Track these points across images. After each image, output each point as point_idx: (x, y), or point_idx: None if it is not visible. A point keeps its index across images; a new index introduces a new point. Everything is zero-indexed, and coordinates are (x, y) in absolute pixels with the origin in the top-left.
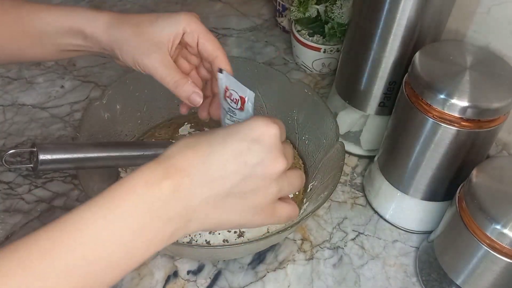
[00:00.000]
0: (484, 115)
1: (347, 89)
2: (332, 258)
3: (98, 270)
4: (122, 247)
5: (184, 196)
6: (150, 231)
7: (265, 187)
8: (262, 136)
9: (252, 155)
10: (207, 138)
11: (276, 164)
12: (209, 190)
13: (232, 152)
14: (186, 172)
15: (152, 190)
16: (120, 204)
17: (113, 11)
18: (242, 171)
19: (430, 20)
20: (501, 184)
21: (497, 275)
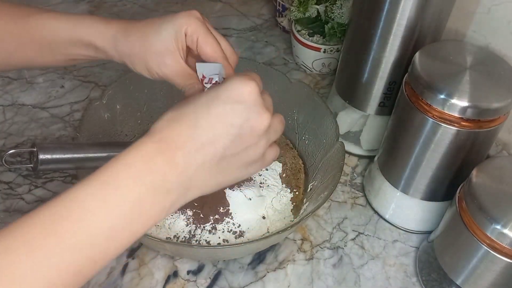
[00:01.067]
0: (484, 115)
1: (347, 89)
2: (332, 258)
3: (100, 243)
4: (123, 220)
5: (179, 168)
6: (150, 204)
7: (254, 143)
8: (242, 95)
9: (236, 115)
10: (191, 107)
11: (261, 120)
12: (202, 156)
13: (217, 116)
14: (177, 144)
15: (147, 165)
16: (118, 179)
17: (122, 19)
18: (230, 133)
19: (430, 20)
20: (501, 184)
21: (497, 275)
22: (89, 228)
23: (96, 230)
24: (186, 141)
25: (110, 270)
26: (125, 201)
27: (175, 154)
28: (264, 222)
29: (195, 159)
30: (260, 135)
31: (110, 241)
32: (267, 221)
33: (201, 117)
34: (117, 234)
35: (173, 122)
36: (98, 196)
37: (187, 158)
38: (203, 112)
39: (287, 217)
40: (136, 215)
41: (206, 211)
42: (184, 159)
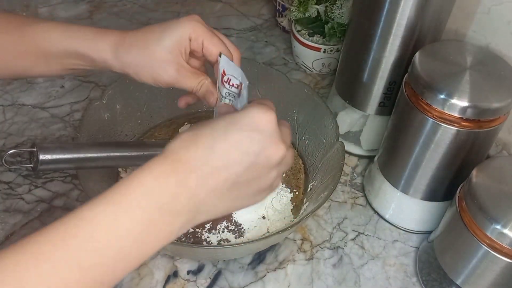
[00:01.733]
0: (484, 115)
1: (347, 89)
2: (332, 258)
3: (109, 262)
4: (132, 240)
5: (191, 190)
6: (160, 225)
7: (267, 173)
8: (261, 125)
9: (253, 144)
10: (208, 131)
11: (277, 151)
12: (215, 182)
13: (234, 143)
14: (191, 166)
15: (160, 185)
16: (129, 198)
17: (119, 30)
18: (245, 160)
19: (430, 20)
20: (501, 184)
21: (497, 275)
22: (97, 247)
23: (105, 250)
24: (201, 164)
25: None
26: (135, 221)
27: (189, 176)
28: (264, 222)
29: (208, 184)
30: (273, 165)
31: (118, 261)
32: (267, 221)
33: (217, 142)
34: (126, 255)
35: (189, 144)
36: (109, 215)
37: (200, 181)
38: (220, 137)
39: (287, 217)
40: (145, 235)
41: None
42: (197, 182)
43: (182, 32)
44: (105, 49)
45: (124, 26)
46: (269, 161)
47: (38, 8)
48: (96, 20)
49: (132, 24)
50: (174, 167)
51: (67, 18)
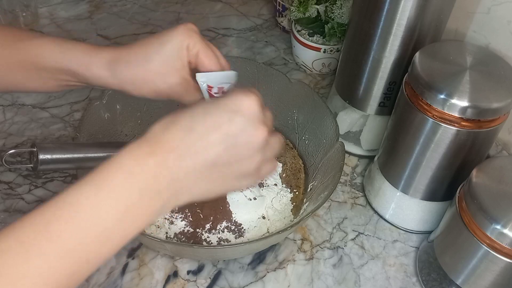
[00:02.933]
0: (484, 115)
1: (347, 89)
2: (332, 258)
3: (93, 245)
4: (115, 221)
5: (170, 170)
6: (141, 205)
7: (249, 156)
8: (242, 107)
9: (233, 125)
10: (188, 113)
11: (257, 134)
12: (194, 162)
13: (214, 124)
14: (170, 146)
15: (139, 166)
16: (110, 180)
17: (113, 46)
18: (224, 141)
19: (430, 20)
20: (501, 184)
21: (497, 275)
22: (81, 230)
23: (88, 232)
24: (178, 145)
25: (110, 270)
26: (117, 202)
27: (167, 156)
28: (264, 222)
29: (186, 164)
30: (255, 148)
31: (102, 242)
32: (267, 221)
33: (197, 123)
34: (110, 235)
35: (169, 125)
36: (91, 198)
37: (178, 162)
38: (199, 118)
39: (287, 217)
40: (128, 216)
41: (206, 211)
42: (175, 162)
43: (180, 43)
44: (100, 67)
45: (124, 26)
46: (250, 144)
47: (38, 8)
48: (96, 20)
49: (132, 24)
50: (153, 149)
51: (67, 18)
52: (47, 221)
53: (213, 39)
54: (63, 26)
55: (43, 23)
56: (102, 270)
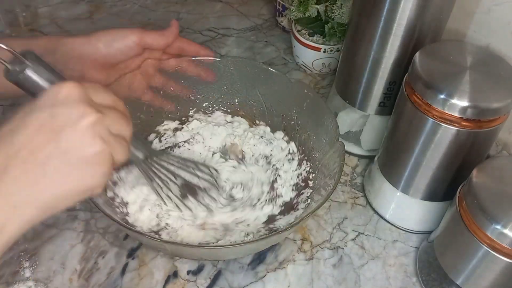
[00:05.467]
0: (484, 115)
1: (347, 89)
2: (332, 258)
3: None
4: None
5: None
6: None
7: (85, 142)
8: (59, 98)
9: (55, 119)
10: (8, 126)
11: (84, 118)
12: (20, 169)
13: (34, 126)
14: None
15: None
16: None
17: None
18: (51, 139)
19: (430, 20)
20: (501, 184)
21: (497, 275)
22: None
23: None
24: (1, 160)
25: (110, 270)
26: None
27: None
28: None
29: (13, 174)
30: (88, 133)
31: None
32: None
33: (17, 132)
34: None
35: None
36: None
37: (4, 175)
38: (19, 128)
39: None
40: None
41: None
42: (2, 177)
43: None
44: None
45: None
46: (78, 130)
47: (38, 8)
48: (96, 20)
49: (132, 24)
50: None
51: (67, 18)
52: None
53: (213, 39)
54: (63, 26)
55: (43, 23)
56: (102, 270)
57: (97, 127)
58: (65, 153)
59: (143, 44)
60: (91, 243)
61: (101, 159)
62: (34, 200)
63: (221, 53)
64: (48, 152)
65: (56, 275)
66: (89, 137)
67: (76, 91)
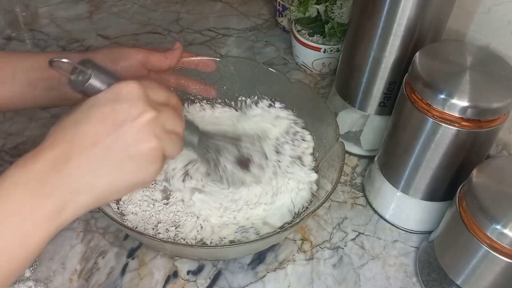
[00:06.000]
0: (484, 115)
1: (347, 89)
2: (332, 258)
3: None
4: (13, 233)
5: (57, 169)
6: (33, 211)
7: (142, 139)
8: (121, 94)
9: (117, 113)
10: (72, 117)
11: (142, 115)
12: (83, 157)
13: (97, 119)
14: (55, 148)
15: (25, 171)
16: (0, 191)
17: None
18: (112, 132)
19: (430, 20)
20: (501, 184)
21: (497, 275)
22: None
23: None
24: (65, 144)
25: (110, 270)
26: (9, 213)
27: (55, 160)
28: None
29: (75, 162)
30: (145, 130)
31: (3, 258)
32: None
33: (81, 125)
34: (8, 252)
35: (54, 128)
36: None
37: (65, 160)
38: (83, 119)
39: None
40: (19, 222)
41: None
42: (62, 160)
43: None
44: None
45: (124, 26)
46: (136, 126)
47: (38, 8)
48: (96, 20)
49: (132, 24)
50: (38, 153)
51: (67, 18)
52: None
53: (213, 39)
54: (63, 26)
55: (43, 23)
56: (102, 270)
57: (153, 125)
58: (123, 146)
59: (148, 64)
60: (91, 243)
61: (154, 155)
62: (92, 187)
63: (221, 53)
64: (109, 143)
65: (56, 275)
66: (146, 133)
67: (136, 89)
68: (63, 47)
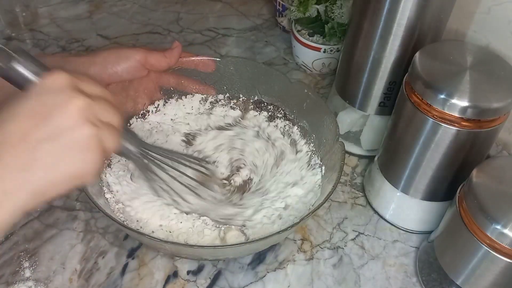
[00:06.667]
0: (484, 115)
1: (347, 89)
2: (332, 258)
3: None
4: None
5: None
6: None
7: (74, 125)
8: (47, 85)
9: (44, 105)
10: (3, 109)
11: (71, 102)
12: (11, 155)
13: (24, 114)
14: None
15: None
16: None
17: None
18: (40, 123)
19: (430, 20)
20: (501, 184)
21: (497, 275)
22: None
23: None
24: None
25: (110, 270)
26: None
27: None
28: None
29: (4, 161)
30: (76, 116)
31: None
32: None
33: (8, 121)
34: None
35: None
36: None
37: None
38: (9, 117)
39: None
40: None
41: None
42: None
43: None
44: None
45: (124, 26)
46: (68, 113)
47: (38, 8)
48: (96, 20)
49: (132, 24)
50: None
51: (67, 18)
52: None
53: (213, 39)
54: (63, 26)
55: (43, 23)
56: (102, 270)
57: (86, 111)
58: (54, 137)
59: (147, 64)
60: (91, 243)
61: (90, 143)
62: (25, 185)
63: (221, 53)
64: (38, 137)
65: (56, 275)
66: (78, 120)
67: (62, 78)
68: (63, 47)
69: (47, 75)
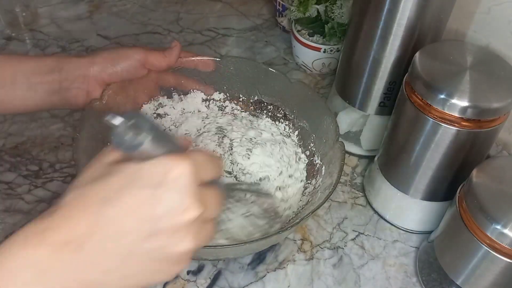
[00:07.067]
0: (484, 115)
1: (347, 89)
2: (332, 258)
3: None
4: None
5: (65, 264)
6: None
7: (177, 240)
8: (167, 178)
9: (156, 203)
10: (100, 188)
11: (186, 214)
12: (101, 251)
13: (130, 206)
14: (69, 236)
15: (29, 255)
16: (5, 270)
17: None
18: (144, 228)
19: (430, 20)
20: (501, 184)
21: (497, 275)
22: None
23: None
24: (81, 234)
25: None
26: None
27: (63, 248)
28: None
29: (92, 258)
30: (182, 231)
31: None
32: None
33: (107, 207)
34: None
35: (73, 207)
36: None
37: (77, 254)
38: (111, 200)
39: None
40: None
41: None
42: (73, 254)
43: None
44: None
45: (124, 26)
46: (175, 226)
47: (38, 8)
48: (96, 20)
49: (132, 24)
50: (47, 235)
51: (67, 18)
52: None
53: (213, 39)
54: (63, 26)
55: (43, 23)
56: None
57: (194, 223)
58: (152, 247)
59: (147, 64)
60: None
61: (185, 258)
62: (92, 284)
63: (221, 53)
64: (133, 243)
65: None
66: (183, 234)
67: (187, 174)
68: (63, 47)
69: (173, 163)
